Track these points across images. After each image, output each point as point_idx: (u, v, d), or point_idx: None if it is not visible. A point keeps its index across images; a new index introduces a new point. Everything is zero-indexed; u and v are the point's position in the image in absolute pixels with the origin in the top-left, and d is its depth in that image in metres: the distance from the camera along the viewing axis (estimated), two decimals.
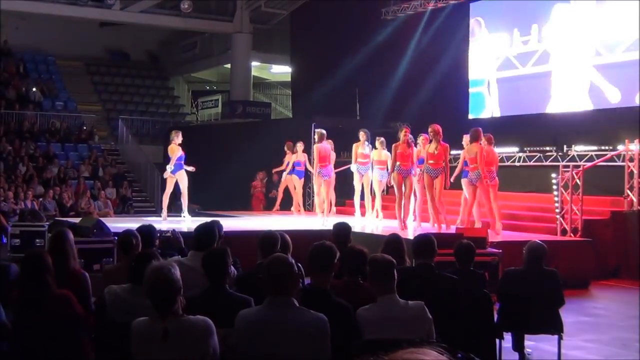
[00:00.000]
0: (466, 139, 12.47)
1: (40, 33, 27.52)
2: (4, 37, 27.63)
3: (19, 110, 24.59)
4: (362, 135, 14.06)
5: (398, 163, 12.53)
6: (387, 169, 13.41)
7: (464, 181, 12.25)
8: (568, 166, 12.83)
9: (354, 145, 14.07)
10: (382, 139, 14.02)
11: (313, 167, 14.77)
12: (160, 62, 32.11)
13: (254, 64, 28.48)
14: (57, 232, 5.71)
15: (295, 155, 15.78)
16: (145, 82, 30.86)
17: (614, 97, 15.39)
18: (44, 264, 4.62)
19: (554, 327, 6.44)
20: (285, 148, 16.18)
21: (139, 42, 30.83)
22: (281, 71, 30.03)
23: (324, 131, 14.24)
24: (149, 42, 31.36)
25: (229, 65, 28.28)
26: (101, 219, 12.07)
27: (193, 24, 26.52)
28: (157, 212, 21.14)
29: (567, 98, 16.41)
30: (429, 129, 12.44)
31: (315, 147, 14.20)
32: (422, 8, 19.55)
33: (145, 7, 25.12)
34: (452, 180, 12.55)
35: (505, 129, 17.55)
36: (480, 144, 12.06)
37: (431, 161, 12.37)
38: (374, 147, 13.99)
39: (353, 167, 14.11)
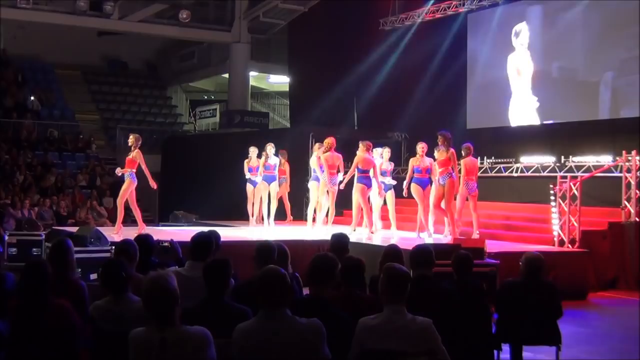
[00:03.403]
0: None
1: (38, 42, 27.51)
2: (2, 45, 27.68)
3: (16, 119, 24.56)
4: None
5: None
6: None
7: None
8: (566, 177, 12.83)
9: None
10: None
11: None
12: (158, 72, 32.14)
13: (252, 73, 28.52)
14: (58, 241, 5.69)
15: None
16: (143, 91, 30.87)
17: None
18: (44, 274, 4.61)
19: (552, 338, 6.43)
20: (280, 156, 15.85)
21: (137, 51, 30.85)
22: (279, 81, 30.09)
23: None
24: (147, 51, 31.39)
25: (227, 75, 28.32)
26: (98, 228, 12.07)
27: (191, 33, 26.56)
28: (154, 221, 21.14)
29: (566, 109, 16.46)
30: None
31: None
32: (420, 18, 19.60)
33: (144, 17, 25.14)
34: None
35: (503, 139, 17.62)
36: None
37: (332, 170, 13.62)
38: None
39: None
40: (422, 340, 4.32)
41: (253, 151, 15.17)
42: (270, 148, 15.01)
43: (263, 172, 14.99)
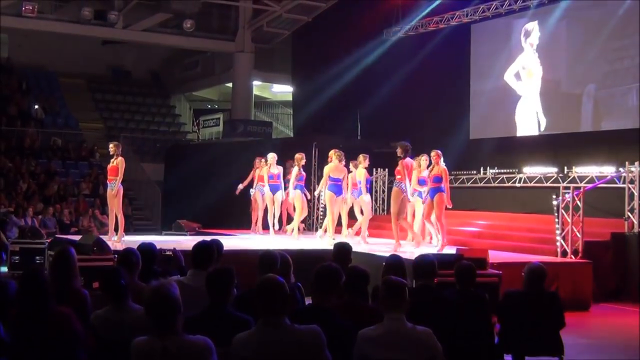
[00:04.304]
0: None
1: (42, 50, 27.63)
2: (6, 54, 27.76)
3: (20, 127, 24.62)
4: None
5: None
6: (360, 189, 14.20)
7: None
8: (569, 187, 12.82)
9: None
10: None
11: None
12: (162, 81, 32.20)
13: (256, 83, 28.57)
14: (61, 249, 5.69)
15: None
16: (146, 100, 30.91)
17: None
18: (41, 282, 4.61)
19: (555, 349, 6.42)
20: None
21: (141, 60, 30.94)
22: (282, 90, 30.15)
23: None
24: (151, 60, 31.47)
25: (230, 84, 28.38)
26: (101, 236, 12.07)
27: (195, 43, 26.62)
28: (157, 230, 21.14)
29: (568, 119, 16.48)
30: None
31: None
32: (423, 29, 19.64)
33: (148, 26, 25.22)
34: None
35: (506, 149, 17.62)
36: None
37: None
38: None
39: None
40: (422, 349, 4.32)
41: (273, 158, 15.15)
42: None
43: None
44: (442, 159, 12.66)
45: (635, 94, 14.72)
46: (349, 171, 14.19)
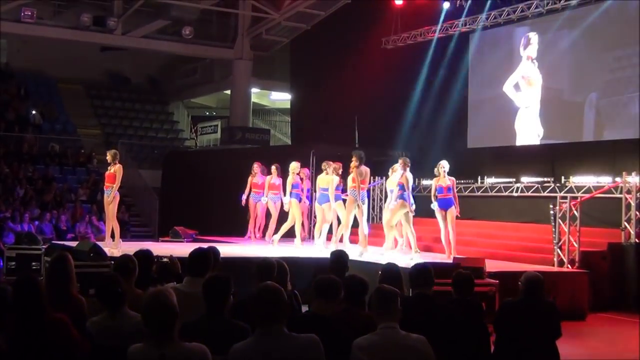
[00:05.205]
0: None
1: (41, 56, 27.62)
2: (5, 59, 27.78)
3: (18, 133, 24.62)
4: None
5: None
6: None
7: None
8: (566, 197, 12.84)
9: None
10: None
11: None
12: (160, 87, 32.21)
13: (254, 90, 28.61)
14: (59, 255, 5.68)
15: None
16: (145, 106, 30.93)
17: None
18: (35, 288, 4.59)
19: (550, 358, 6.41)
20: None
21: (140, 66, 30.93)
22: (281, 98, 30.18)
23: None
24: (150, 67, 31.47)
25: (228, 92, 28.39)
26: (98, 243, 12.05)
27: (194, 50, 26.64)
28: (154, 236, 21.12)
29: (570, 128, 16.49)
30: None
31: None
32: (422, 38, 19.67)
33: (147, 32, 25.24)
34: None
35: (504, 158, 17.63)
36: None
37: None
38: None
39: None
40: (416, 357, 4.32)
41: (297, 166, 15.15)
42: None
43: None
44: (408, 167, 13.08)
45: (637, 103, 14.71)
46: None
